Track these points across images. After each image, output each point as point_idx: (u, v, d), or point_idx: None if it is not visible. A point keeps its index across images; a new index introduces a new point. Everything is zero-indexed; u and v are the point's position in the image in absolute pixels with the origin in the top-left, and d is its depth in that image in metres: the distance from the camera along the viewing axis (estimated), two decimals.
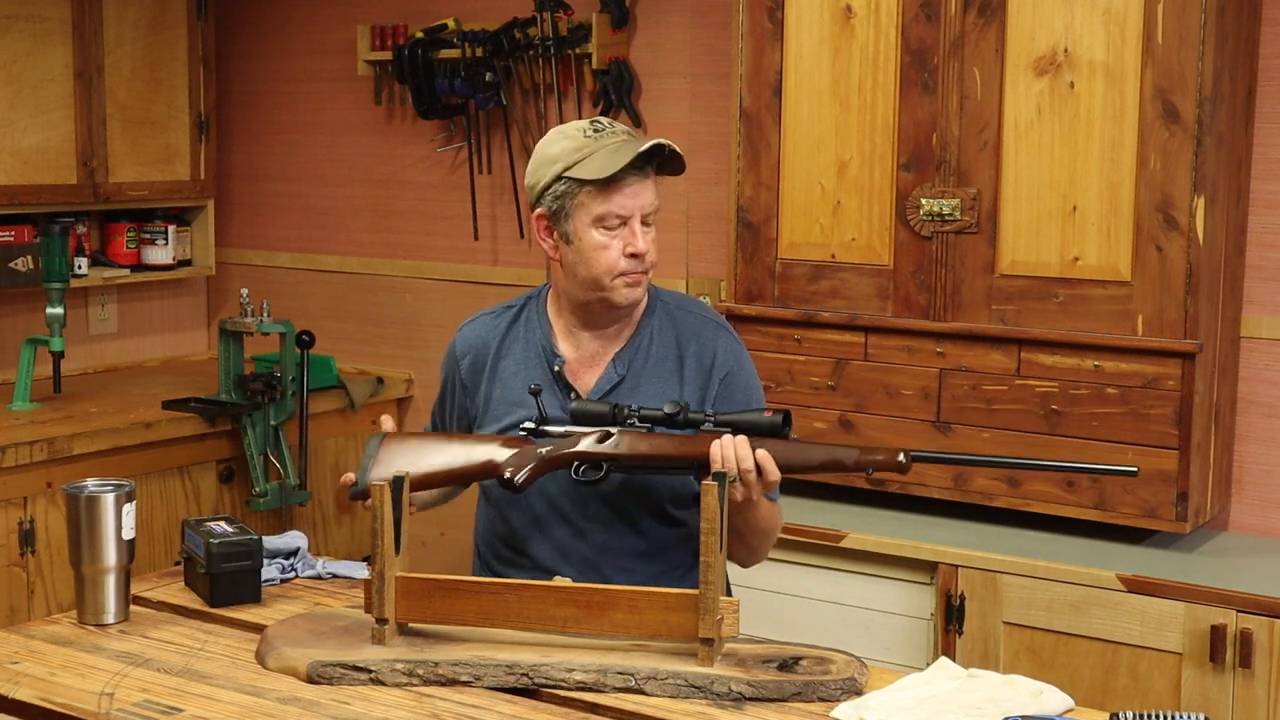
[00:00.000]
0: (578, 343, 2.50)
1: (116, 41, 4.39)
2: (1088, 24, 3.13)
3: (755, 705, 2.01)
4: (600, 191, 2.37)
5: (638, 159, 2.36)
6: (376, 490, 2.17)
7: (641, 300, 2.48)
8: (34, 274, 4.15)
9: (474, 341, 2.57)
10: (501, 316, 2.58)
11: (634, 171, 2.38)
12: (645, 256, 2.41)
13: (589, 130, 2.41)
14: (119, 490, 2.36)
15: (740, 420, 2.29)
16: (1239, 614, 2.92)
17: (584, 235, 2.40)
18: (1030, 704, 2.00)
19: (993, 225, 3.27)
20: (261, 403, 4.05)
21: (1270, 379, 3.39)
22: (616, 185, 2.37)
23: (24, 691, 2.07)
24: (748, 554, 2.51)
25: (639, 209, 2.40)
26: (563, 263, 2.45)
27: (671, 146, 2.39)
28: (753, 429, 2.28)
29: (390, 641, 2.17)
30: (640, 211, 2.40)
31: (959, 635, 3.17)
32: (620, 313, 2.48)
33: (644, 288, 2.46)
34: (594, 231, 2.39)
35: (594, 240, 2.39)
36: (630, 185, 2.38)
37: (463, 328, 2.62)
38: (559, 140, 2.42)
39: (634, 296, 2.44)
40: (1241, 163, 3.30)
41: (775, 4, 3.47)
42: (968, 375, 3.33)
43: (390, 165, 4.65)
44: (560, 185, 2.40)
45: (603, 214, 2.38)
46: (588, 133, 2.40)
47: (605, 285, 2.41)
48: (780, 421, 2.27)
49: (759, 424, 2.28)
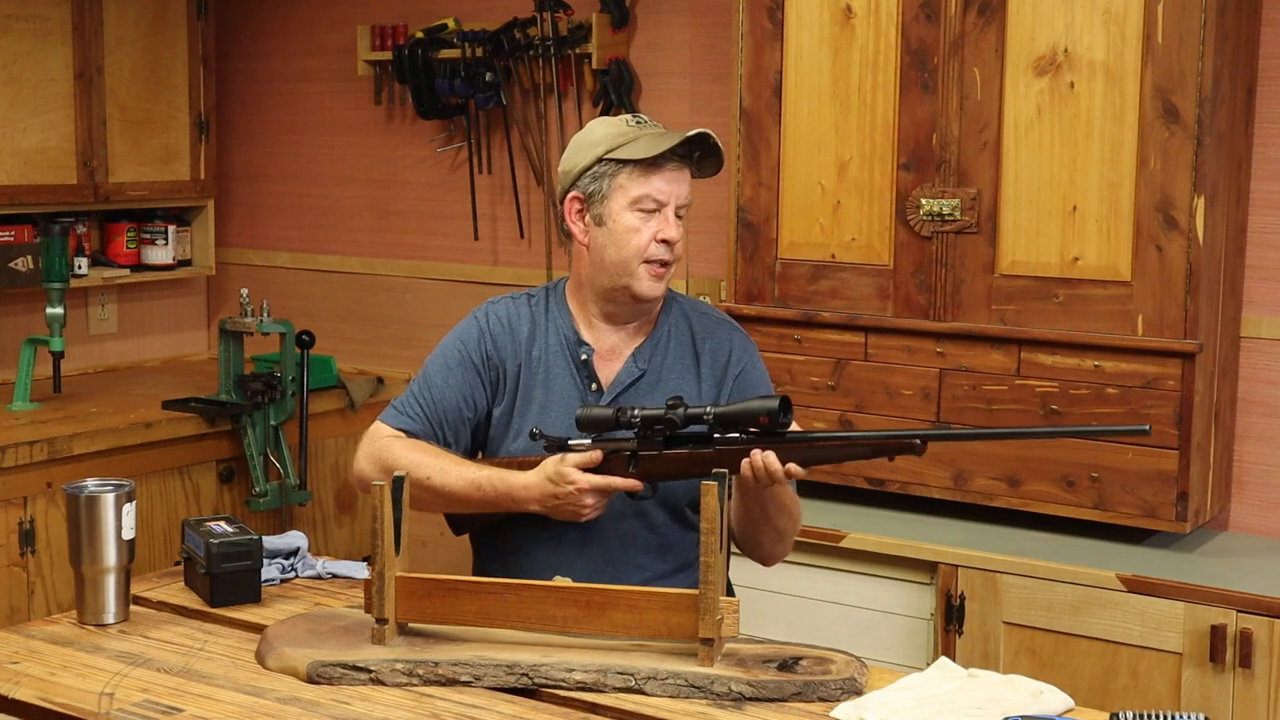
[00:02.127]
0: (598, 335, 2.53)
1: (116, 41, 4.39)
2: (1088, 24, 3.13)
3: (755, 705, 2.01)
4: (641, 173, 2.42)
5: (681, 145, 2.42)
6: (376, 490, 2.17)
7: (663, 296, 2.51)
8: (34, 274, 4.15)
9: (504, 318, 2.55)
10: (525, 304, 2.58)
11: (676, 158, 2.44)
12: (674, 246, 2.45)
13: (631, 121, 2.48)
14: (119, 490, 2.36)
15: (738, 412, 2.29)
16: (1239, 614, 2.92)
17: (619, 217, 2.44)
18: (1030, 704, 2.00)
19: (993, 225, 3.27)
20: (261, 403, 4.05)
21: (1270, 379, 3.39)
22: (658, 168, 2.43)
23: (24, 691, 2.07)
24: (774, 539, 2.49)
25: (675, 197, 2.45)
26: (590, 247, 2.47)
27: (714, 139, 2.45)
28: (750, 421, 2.27)
29: (390, 641, 2.17)
30: (676, 200, 2.45)
31: (959, 635, 3.17)
32: (641, 307, 2.50)
33: (666, 282, 2.49)
34: (629, 213, 2.43)
35: (628, 222, 2.43)
36: (670, 171, 2.44)
37: (491, 305, 2.59)
38: (601, 127, 2.49)
39: (656, 290, 2.47)
40: (1241, 163, 3.30)
41: (775, 4, 3.47)
42: (968, 375, 3.33)
43: (390, 165, 4.65)
44: (600, 167, 2.45)
45: (640, 196, 2.43)
46: (630, 123, 2.47)
47: (632, 270, 2.44)
48: (778, 408, 2.25)
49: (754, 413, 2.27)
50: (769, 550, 2.51)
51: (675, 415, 2.30)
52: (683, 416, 2.30)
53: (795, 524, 2.51)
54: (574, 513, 2.35)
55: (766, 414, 2.26)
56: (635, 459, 2.34)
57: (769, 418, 2.26)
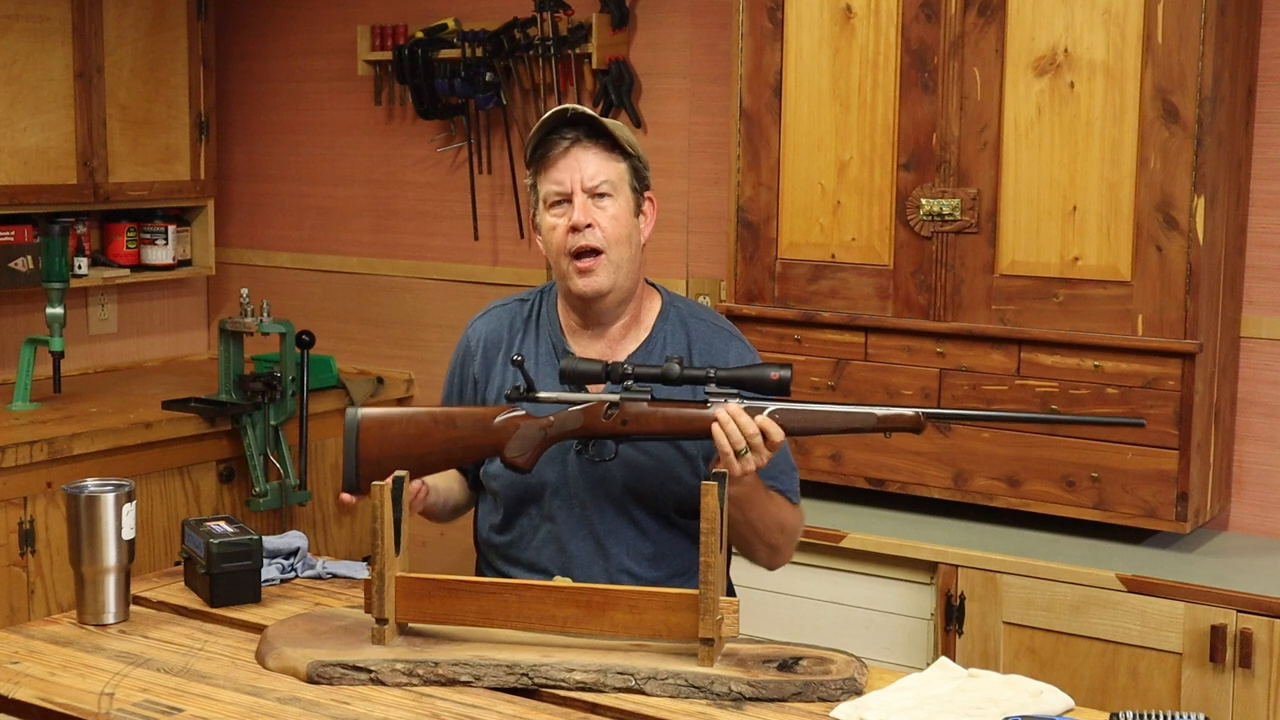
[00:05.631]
0: (585, 343, 2.47)
1: (116, 41, 4.39)
2: (1088, 24, 3.13)
3: (755, 705, 2.01)
4: (541, 171, 2.38)
5: (563, 130, 2.34)
6: (376, 490, 2.17)
7: (604, 291, 2.39)
8: (34, 274, 4.15)
9: (485, 334, 2.54)
10: (514, 309, 2.55)
11: (564, 143, 2.35)
12: (589, 231, 2.34)
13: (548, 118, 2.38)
14: (119, 490, 2.35)
15: (745, 376, 2.23)
16: (1239, 614, 2.92)
17: (542, 220, 2.40)
18: (1030, 704, 2.00)
19: (993, 225, 3.27)
20: (261, 403, 4.05)
21: (1270, 379, 3.39)
22: (550, 160, 2.36)
23: (24, 691, 2.07)
24: (769, 552, 2.46)
25: (577, 182, 2.35)
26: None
27: (576, 109, 2.36)
28: (758, 385, 2.22)
29: (390, 641, 2.17)
30: (581, 185, 2.35)
31: (959, 635, 3.17)
32: (601, 308, 2.41)
33: (603, 276, 2.37)
34: (546, 214, 2.39)
35: (546, 223, 2.39)
36: (563, 158, 2.35)
37: (474, 322, 2.58)
38: None
39: (588, 285, 2.36)
40: (1241, 163, 3.30)
41: (775, 4, 3.47)
42: (968, 375, 3.33)
43: (390, 165, 4.65)
44: (528, 178, 2.42)
45: (547, 193, 2.38)
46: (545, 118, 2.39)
47: (563, 270, 2.38)
48: (788, 376, 2.21)
49: (764, 381, 2.21)
50: (766, 560, 2.49)
51: (672, 371, 2.23)
52: (680, 375, 2.23)
53: (793, 538, 2.48)
54: None
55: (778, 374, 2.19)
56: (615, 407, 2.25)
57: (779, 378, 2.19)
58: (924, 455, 3.37)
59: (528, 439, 2.29)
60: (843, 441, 3.46)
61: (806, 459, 3.48)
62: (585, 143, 2.36)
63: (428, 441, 2.30)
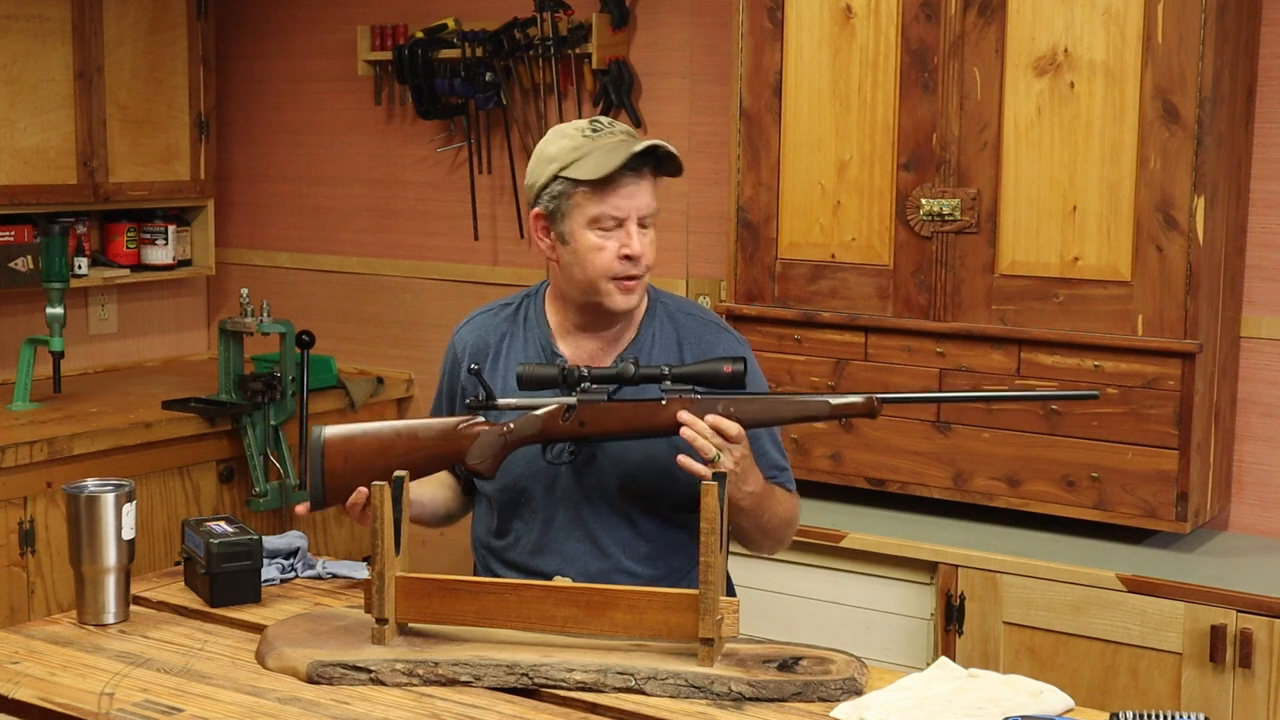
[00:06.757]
0: (576, 343, 2.47)
1: (116, 41, 4.39)
2: (1088, 24, 3.13)
3: (755, 705, 2.01)
4: (596, 192, 2.34)
5: (633, 160, 2.33)
6: (377, 490, 2.17)
7: (637, 306, 2.44)
8: (34, 274, 4.15)
9: (471, 343, 2.54)
10: (499, 315, 2.55)
11: (630, 172, 2.34)
12: (640, 259, 2.37)
13: (588, 130, 2.38)
14: (119, 490, 2.35)
15: (700, 372, 2.26)
16: (1239, 614, 2.92)
17: (579, 236, 2.36)
18: (1030, 704, 2.00)
19: (993, 225, 3.27)
20: (261, 403, 4.05)
21: (1270, 379, 3.39)
22: (612, 186, 2.34)
23: (24, 691, 2.07)
24: (773, 544, 2.50)
25: (635, 211, 2.36)
26: (559, 263, 2.42)
27: (667, 147, 2.36)
28: (712, 380, 2.25)
29: (390, 641, 2.17)
30: (637, 213, 2.36)
31: (959, 635, 3.17)
32: (617, 317, 2.45)
33: (639, 294, 2.42)
34: (589, 233, 2.36)
35: (589, 242, 2.36)
36: (626, 186, 2.35)
37: (459, 330, 2.58)
38: (557, 139, 2.39)
39: (628, 303, 2.40)
40: (1241, 163, 3.30)
41: (775, 4, 3.47)
42: (968, 375, 3.33)
43: (390, 165, 4.65)
44: (557, 185, 2.37)
45: (598, 215, 2.35)
46: (586, 132, 2.37)
47: (600, 289, 2.38)
48: (742, 370, 2.24)
49: (718, 375, 2.25)
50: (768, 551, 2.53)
51: (627, 372, 2.26)
52: (636, 374, 2.26)
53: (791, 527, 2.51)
54: None
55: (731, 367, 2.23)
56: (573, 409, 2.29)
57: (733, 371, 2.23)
58: (924, 455, 3.38)
59: (488, 445, 2.34)
60: (843, 441, 3.46)
61: (806, 459, 3.49)
62: (644, 172, 2.38)
63: (389, 455, 2.34)
